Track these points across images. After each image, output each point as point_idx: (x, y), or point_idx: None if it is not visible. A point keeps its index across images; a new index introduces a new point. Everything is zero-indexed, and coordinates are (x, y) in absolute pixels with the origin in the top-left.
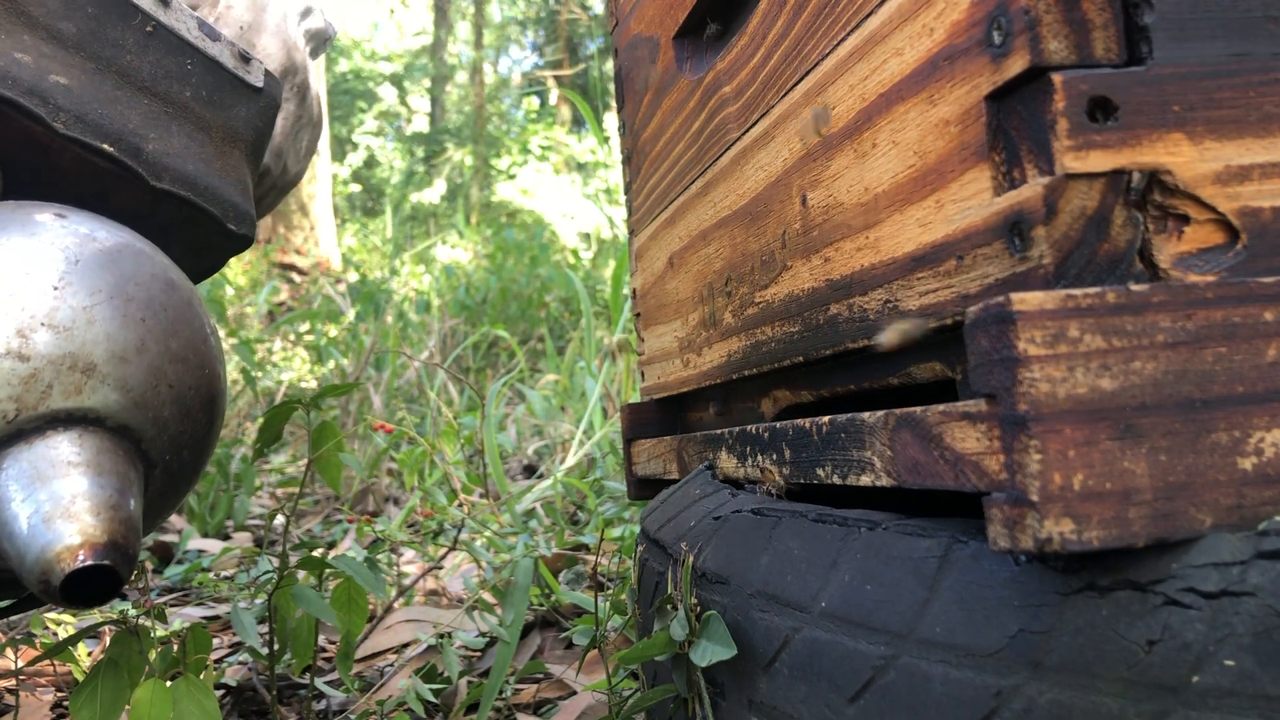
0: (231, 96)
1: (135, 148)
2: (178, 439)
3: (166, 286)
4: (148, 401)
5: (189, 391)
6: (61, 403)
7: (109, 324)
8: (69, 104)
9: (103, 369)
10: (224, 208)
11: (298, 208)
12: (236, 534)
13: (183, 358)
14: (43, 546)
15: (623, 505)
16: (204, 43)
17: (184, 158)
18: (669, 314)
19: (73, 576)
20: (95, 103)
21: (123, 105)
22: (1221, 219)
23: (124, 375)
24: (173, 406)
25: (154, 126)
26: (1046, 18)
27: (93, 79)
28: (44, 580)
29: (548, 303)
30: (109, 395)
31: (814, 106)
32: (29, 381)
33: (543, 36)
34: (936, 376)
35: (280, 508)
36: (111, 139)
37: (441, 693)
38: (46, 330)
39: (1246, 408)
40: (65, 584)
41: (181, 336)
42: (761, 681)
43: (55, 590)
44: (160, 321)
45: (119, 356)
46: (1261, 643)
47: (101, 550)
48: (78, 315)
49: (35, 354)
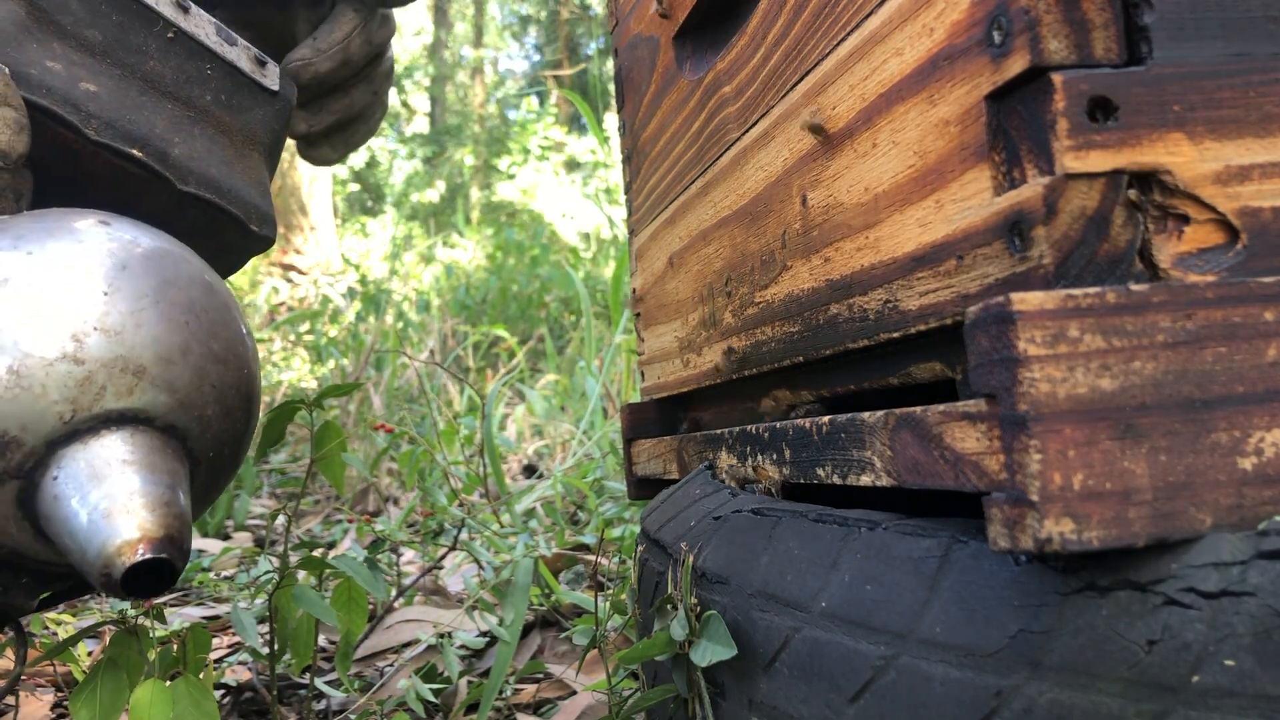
0: (249, 100)
1: (162, 152)
2: (220, 437)
3: (206, 290)
4: (193, 401)
5: (230, 391)
6: (114, 404)
7: (156, 327)
8: (99, 111)
9: (152, 371)
10: (246, 209)
11: (298, 208)
12: (236, 534)
13: (224, 359)
14: (103, 541)
15: (623, 505)
16: (222, 48)
17: (207, 161)
18: (669, 314)
19: (133, 569)
20: (123, 109)
21: (149, 111)
22: (1221, 219)
23: (171, 377)
24: (215, 406)
25: (178, 131)
26: (1046, 18)
27: (119, 85)
28: (105, 573)
29: (548, 303)
30: (158, 396)
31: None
32: (84, 384)
33: (543, 36)
34: (936, 376)
35: (281, 508)
36: (140, 144)
37: (441, 693)
38: (99, 334)
39: (1246, 408)
40: (126, 576)
41: (222, 338)
42: (762, 681)
43: (116, 583)
44: (202, 324)
45: (166, 359)
46: (1261, 643)
47: (159, 544)
48: (127, 320)
49: (89, 357)
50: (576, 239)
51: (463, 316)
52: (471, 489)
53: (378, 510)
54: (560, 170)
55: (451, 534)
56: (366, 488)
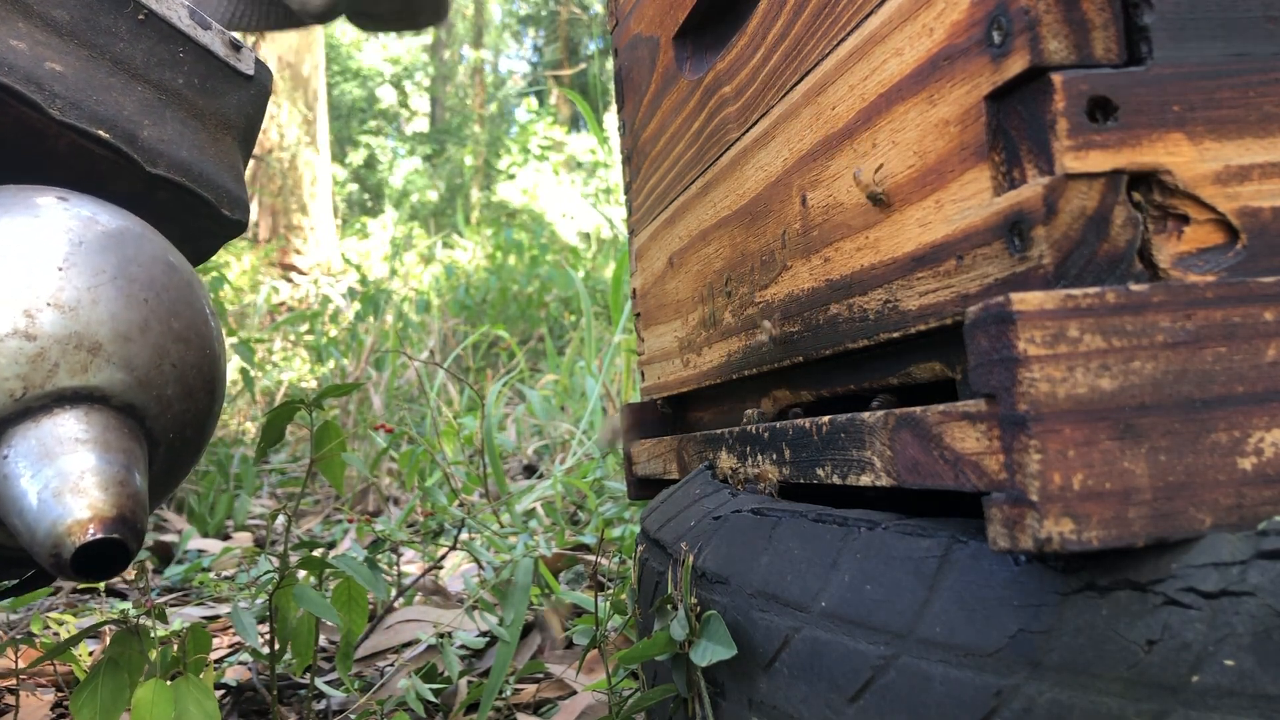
0: (223, 84)
1: (130, 134)
2: (180, 417)
3: (167, 268)
4: (151, 380)
5: (191, 371)
6: (68, 381)
7: (113, 304)
8: (64, 91)
9: (108, 348)
10: (218, 193)
11: (298, 207)
12: (236, 534)
13: (185, 338)
14: (53, 521)
15: (623, 505)
16: (195, 31)
17: (178, 144)
18: (669, 314)
19: (83, 550)
20: (90, 89)
21: (117, 92)
22: (1221, 219)
23: (128, 354)
24: (175, 385)
25: (148, 113)
26: (1046, 18)
27: (87, 66)
28: (55, 554)
29: (548, 303)
30: (114, 374)
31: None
32: (36, 360)
33: (543, 36)
34: (936, 376)
35: (282, 508)
36: (107, 125)
37: (441, 693)
38: (52, 310)
39: (1246, 408)
40: (76, 557)
41: (183, 317)
42: (762, 681)
43: (66, 564)
44: (163, 302)
45: (123, 336)
46: (1261, 643)
47: (111, 524)
48: (82, 295)
49: (42, 333)
50: (576, 239)
51: (463, 316)
52: (471, 489)
53: (378, 510)
54: (560, 169)
55: (451, 534)
56: (366, 488)
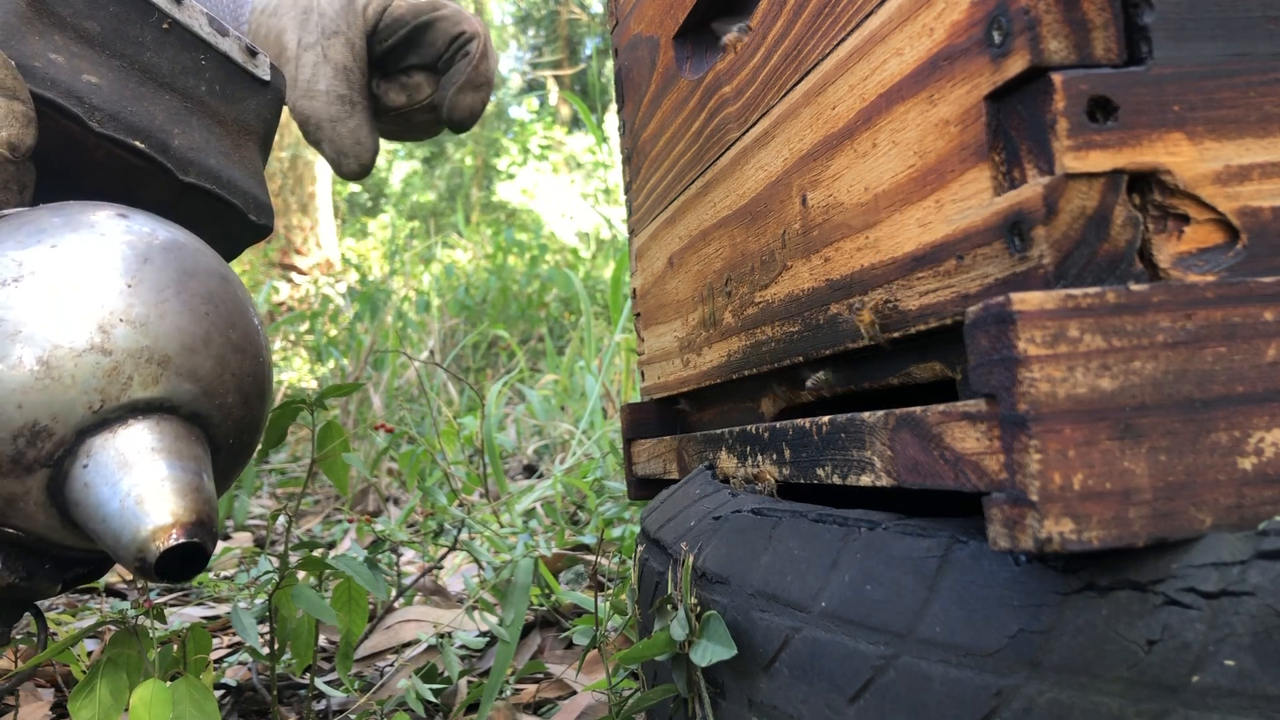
0: (242, 90)
1: (163, 143)
2: (239, 424)
3: (222, 280)
4: (215, 390)
5: (248, 379)
6: (141, 393)
7: (179, 318)
8: (102, 103)
9: (176, 360)
10: (245, 199)
11: (298, 207)
12: (236, 534)
13: (242, 348)
14: (137, 527)
15: (623, 505)
16: (215, 38)
17: (206, 151)
18: (669, 314)
19: (166, 554)
20: (125, 100)
21: (148, 102)
22: (1221, 219)
23: (194, 366)
24: (235, 394)
25: (177, 122)
26: (1046, 18)
27: (119, 77)
28: (140, 558)
29: (548, 303)
30: (182, 385)
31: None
32: (112, 374)
33: (543, 36)
34: (936, 376)
35: (282, 508)
36: (142, 135)
37: (441, 693)
38: (125, 326)
39: (1246, 408)
40: (160, 561)
41: (239, 328)
42: (762, 681)
43: (151, 567)
44: (221, 314)
45: (189, 348)
46: (1261, 643)
47: (191, 529)
48: (151, 310)
49: (116, 348)
50: (575, 239)
51: (463, 316)
52: (471, 489)
53: (378, 510)
54: (560, 169)
55: (451, 534)
56: (366, 488)
